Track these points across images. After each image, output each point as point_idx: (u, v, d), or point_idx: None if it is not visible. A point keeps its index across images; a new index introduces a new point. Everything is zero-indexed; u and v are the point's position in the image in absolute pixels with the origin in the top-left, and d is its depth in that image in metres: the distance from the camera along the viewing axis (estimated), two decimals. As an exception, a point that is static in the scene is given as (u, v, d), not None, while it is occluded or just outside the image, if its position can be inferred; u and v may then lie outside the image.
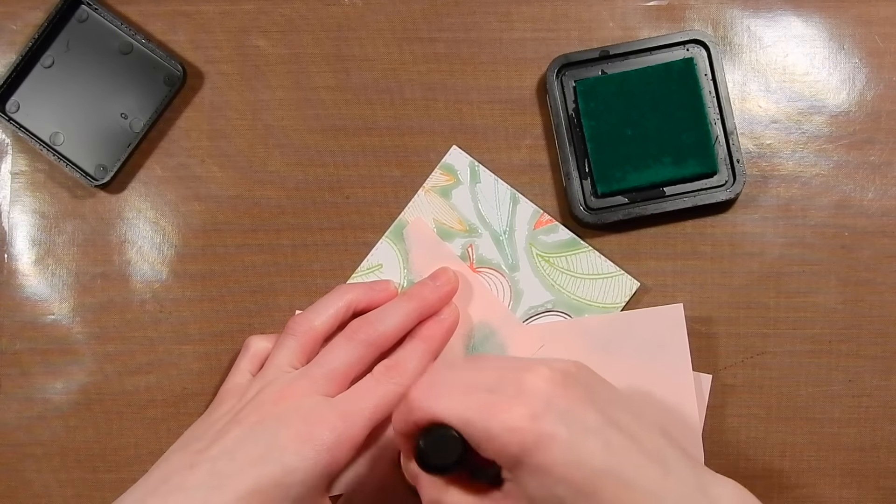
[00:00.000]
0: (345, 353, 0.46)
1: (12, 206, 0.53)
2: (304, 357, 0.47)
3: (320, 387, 0.45)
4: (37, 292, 0.53)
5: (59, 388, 0.52)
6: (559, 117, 0.51)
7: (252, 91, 0.53)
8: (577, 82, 0.51)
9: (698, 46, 0.51)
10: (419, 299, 0.49)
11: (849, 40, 0.52)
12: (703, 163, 0.50)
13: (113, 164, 0.52)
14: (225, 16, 0.54)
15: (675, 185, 0.51)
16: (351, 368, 0.46)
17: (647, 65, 0.51)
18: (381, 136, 0.53)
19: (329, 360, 0.46)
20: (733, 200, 0.51)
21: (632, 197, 0.51)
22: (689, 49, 0.51)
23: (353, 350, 0.46)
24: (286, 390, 0.44)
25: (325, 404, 0.44)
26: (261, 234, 0.53)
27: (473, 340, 0.51)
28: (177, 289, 0.53)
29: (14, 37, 0.54)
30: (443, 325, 0.49)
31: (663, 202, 0.50)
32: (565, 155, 0.51)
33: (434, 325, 0.49)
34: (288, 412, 0.43)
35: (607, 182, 0.50)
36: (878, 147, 0.52)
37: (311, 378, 0.45)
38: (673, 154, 0.50)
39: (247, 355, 0.48)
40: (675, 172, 0.50)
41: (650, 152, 0.50)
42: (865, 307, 0.51)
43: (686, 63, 0.51)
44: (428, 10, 0.53)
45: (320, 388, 0.45)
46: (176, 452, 0.44)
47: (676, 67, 0.51)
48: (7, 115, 0.53)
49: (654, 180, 0.50)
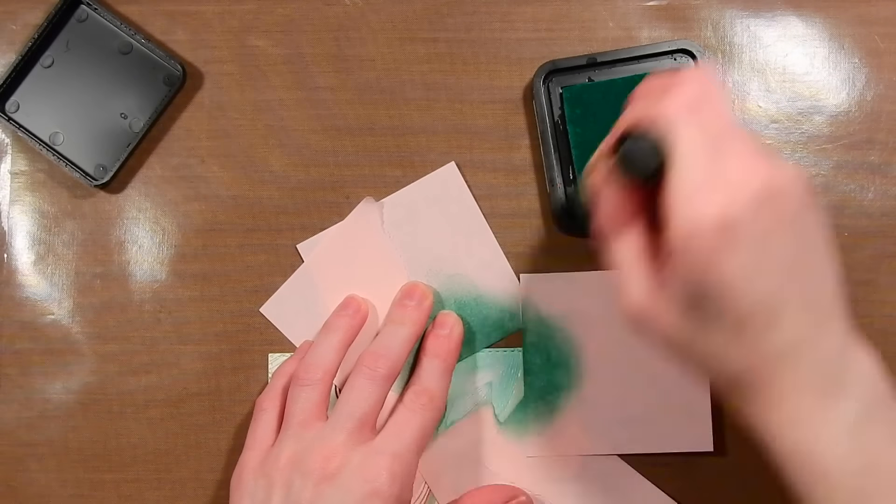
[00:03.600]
0: (370, 393, 0.45)
1: (12, 205, 0.53)
2: (325, 405, 0.46)
3: (359, 436, 0.44)
4: (37, 292, 0.53)
5: (59, 387, 0.52)
6: (545, 123, 0.51)
7: (252, 91, 0.53)
8: (564, 89, 0.51)
9: (686, 56, 0.51)
10: (412, 323, 0.48)
11: (849, 40, 0.52)
12: None
13: (113, 163, 0.52)
14: (225, 15, 0.54)
15: (660, 196, 0.51)
16: (378, 406, 0.46)
17: (634, 73, 0.51)
18: (381, 136, 0.53)
19: (358, 405, 0.45)
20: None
21: (615, 205, 0.51)
22: (677, 59, 0.51)
23: (378, 389, 0.46)
24: (327, 451, 0.43)
25: (373, 453, 0.44)
26: (261, 234, 0.53)
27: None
28: (177, 288, 0.53)
29: (14, 36, 0.54)
30: (452, 340, 0.49)
31: None
32: (550, 161, 0.51)
33: (444, 341, 0.49)
34: (343, 477, 0.42)
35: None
36: (878, 147, 0.52)
37: (347, 430, 0.44)
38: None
39: (264, 416, 0.47)
40: None
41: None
42: (865, 307, 0.51)
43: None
44: (428, 10, 0.53)
45: (360, 437, 0.44)
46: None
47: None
48: (7, 115, 0.53)
49: None
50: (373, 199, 0.52)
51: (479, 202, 0.52)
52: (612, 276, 0.39)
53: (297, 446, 0.44)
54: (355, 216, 0.52)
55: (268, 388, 0.49)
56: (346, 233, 0.52)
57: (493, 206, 0.52)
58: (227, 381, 0.52)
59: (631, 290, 0.37)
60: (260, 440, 0.46)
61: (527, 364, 0.50)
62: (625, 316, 0.37)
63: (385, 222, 0.52)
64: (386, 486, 0.42)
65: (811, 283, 0.36)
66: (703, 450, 0.50)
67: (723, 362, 0.36)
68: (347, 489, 0.42)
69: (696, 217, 0.34)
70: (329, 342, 0.48)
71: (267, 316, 0.52)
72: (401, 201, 0.52)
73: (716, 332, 0.35)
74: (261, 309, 0.52)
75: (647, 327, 0.37)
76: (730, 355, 0.35)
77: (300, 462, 0.43)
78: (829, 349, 0.36)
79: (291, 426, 0.45)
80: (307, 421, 0.45)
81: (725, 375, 0.36)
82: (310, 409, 0.46)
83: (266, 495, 0.43)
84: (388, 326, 0.48)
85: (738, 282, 0.34)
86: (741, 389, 0.36)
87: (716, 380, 0.37)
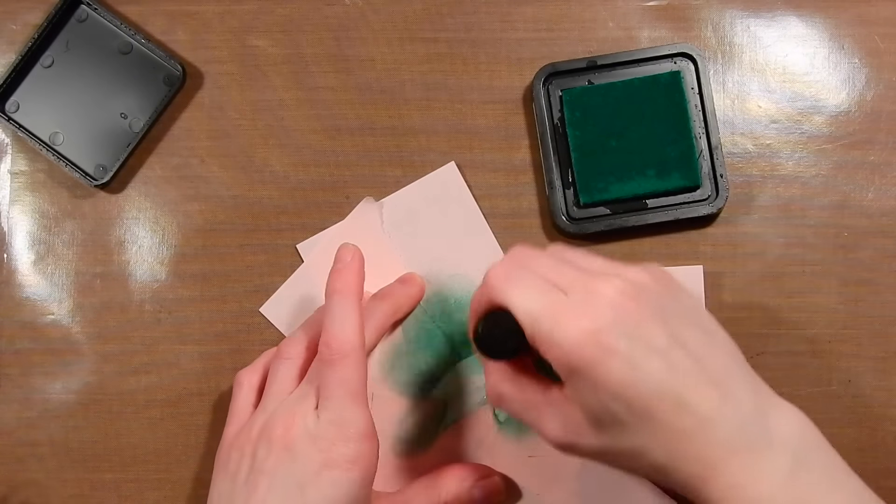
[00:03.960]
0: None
1: (12, 205, 0.53)
2: (301, 379, 0.46)
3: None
4: (36, 292, 0.53)
5: (59, 388, 0.52)
6: (544, 126, 0.51)
7: (252, 91, 0.53)
8: (564, 91, 0.51)
9: (686, 59, 0.51)
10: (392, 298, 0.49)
11: (848, 40, 0.52)
12: (686, 176, 0.50)
13: (112, 163, 0.52)
14: (225, 15, 0.54)
15: (658, 198, 0.51)
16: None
17: (634, 76, 0.51)
18: (381, 136, 0.53)
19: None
20: (715, 215, 0.51)
21: (614, 208, 0.51)
22: (677, 62, 0.51)
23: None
24: (289, 419, 0.43)
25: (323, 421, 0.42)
26: (261, 234, 0.53)
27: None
28: (177, 289, 0.53)
29: (14, 36, 0.54)
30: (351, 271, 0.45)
31: (645, 214, 0.50)
32: (549, 164, 0.51)
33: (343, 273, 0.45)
34: (299, 443, 0.42)
35: (590, 192, 0.50)
36: (878, 147, 0.52)
37: (313, 398, 0.43)
38: (657, 166, 0.50)
39: (242, 392, 0.47)
40: (658, 185, 0.50)
41: (634, 164, 0.50)
42: (865, 307, 0.51)
43: (673, 76, 0.51)
44: (428, 10, 0.53)
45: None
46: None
47: (663, 80, 0.51)
48: (7, 115, 0.53)
49: (637, 192, 0.50)
50: (373, 199, 0.52)
51: (478, 202, 0.52)
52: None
53: (266, 416, 0.44)
54: (355, 216, 0.52)
55: (251, 365, 0.49)
56: (346, 233, 0.52)
57: (493, 206, 0.52)
58: (227, 381, 0.52)
59: (547, 430, 0.38)
60: (237, 414, 0.47)
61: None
62: (552, 446, 0.39)
63: (385, 222, 0.52)
64: (341, 454, 0.41)
65: (698, 361, 0.36)
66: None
67: (648, 456, 0.36)
68: (305, 457, 0.41)
69: (568, 343, 0.36)
70: (314, 319, 0.48)
71: (267, 316, 0.52)
72: (401, 201, 0.52)
73: (630, 434, 0.36)
74: (261, 309, 0.52)
75: (574, 450, 0.38)
76: (652, 448, 0.36)
77: (267, 430, 0.43)
78: (744, 412, 0.36)
79: (267, 398, 0.45)
80: (281, 392, 0.45)
81: (655, 467, 0.37)
82: (287, 382, 0.45)
83: (237, 466, 0.43)
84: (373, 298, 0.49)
85: (626, 381, 0.35)
86: (674, 475, 0.36)
87: (649, 473, 0.37)
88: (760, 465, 0.36)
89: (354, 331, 0.43)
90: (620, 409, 0.35)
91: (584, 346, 0.35)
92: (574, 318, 0.36)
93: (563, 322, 0.36)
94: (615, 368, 0.35)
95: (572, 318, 0.36)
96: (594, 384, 0.36)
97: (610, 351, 0.35)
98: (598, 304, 0.36)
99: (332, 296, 0.44)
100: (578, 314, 0.36)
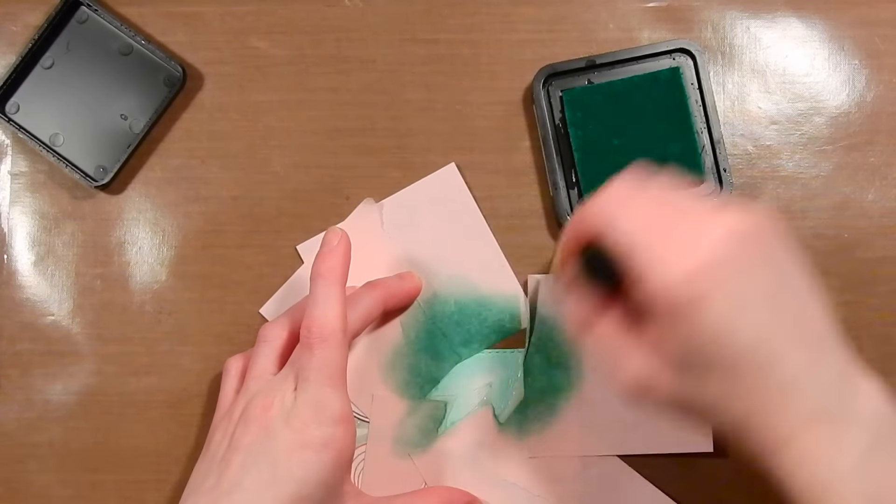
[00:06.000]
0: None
1: (12, 207, 0.53)
2: (282, 361, 0.46)
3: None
4: (37, 293, 0.53)
5: (59, 388, 0.52)
6: (546, 127, 0.51)
7: (252, 92, 0.53)
8: (564, 92, 0.51)
9: (685, 55, 0.51)
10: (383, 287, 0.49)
11: (849, 42, 0.52)
12: (689, 172, 0.50)
13: (113, 165, 0.52)
14: (225, 16, 0.54)
15: (662, 195, 0.51)
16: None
17: (633, 74, 0.51)
18: (381, 137, 0.53)
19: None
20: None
21: (618, 207, 0.51)
22: (676, 58, 0.51)
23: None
24: (267, 400, 0.43)
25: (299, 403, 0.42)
26: (261, 235, 0.53)
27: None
28: (177, 290, 0.53)
29: (14, 38, 0.54)
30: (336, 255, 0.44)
31: None
32: (552, 165, 0.51)
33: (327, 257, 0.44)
34: (274, 423, 0.42)
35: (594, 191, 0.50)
36: (878, 149, 0.52)
37: (292, 379, 0.43)
38: (660, 163, 0.50)
39: (228, 378, 0.47)
40: None
41: (637, 161, 0.50)
42: (866, 309, 0.51)
43: (672, 72, 0.51)
44: (429, 11, 0.53)
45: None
46: (190, 496, 0.43)
47: (663, 77, 0.51)
48: (7, 116, 0.53)
49: None
50: (373, 200, 0.52)
51: (479, 203, 0.52)
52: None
53: (248, 398, 0.44)
54: (355, 217, 0.52)
55: (241, 353, 0.49)
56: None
57: (494, 208, 0.52)
58: (227, 382, 0.52)
59: (627, 365, 0.37)
60: (223, 401, 0.47)
61: (527, 365, 0.50)
62: (626, 390, 0.37)
63: (385, 223, 0.52)
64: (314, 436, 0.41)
65: (797, 318, 0.35)
66: (702, 450, 0.50)
67: (725, 410, 0.35)
68: (277, 437, 0.41)
69: (669, 278, 0.34)
70: (299, 304, 0.48)
71: (267, 316, 0.52)
72: (401, 202, 0.52)
73: (713, 383, 0.35)
74: (261, 310, 0.52)
75: (649, 395, 0.37)
76: (731, 402, 0.35)
77: (247, 411, 0.43)
78: (830, 380, 0.35)
79: (247, 381, 0.45)
80: (262, 374, 0.45)
81: (730, 423, 0.36)
82: (267, 364, 0.45)
83: (217, 447, 0.43)
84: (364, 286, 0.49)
85: (722, 327, 0.34)
86: (748, 434, 0.35)
87: (722, 428, 0.37)
88: (838, 440, 0.34)
89: (336, 315, 0.43)
90: (711, 355, 0.34)
91: (686, 284, 0.34)
92: (680, 253, 0.34)
93: (667, 257, 0.34)
94: (715, 311, 0.34)
95: (678, 254, 0.34)
96: (689, 325, 0.34)
97: (712, 292, 0.34)
98: (706, 243, 0.34)
99: (315, 279, 0.44)
100: (685, 250, 0.34)
